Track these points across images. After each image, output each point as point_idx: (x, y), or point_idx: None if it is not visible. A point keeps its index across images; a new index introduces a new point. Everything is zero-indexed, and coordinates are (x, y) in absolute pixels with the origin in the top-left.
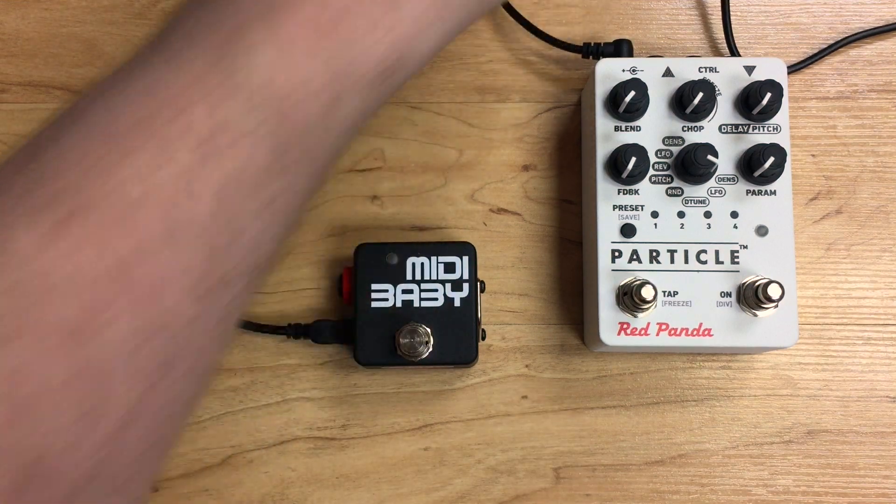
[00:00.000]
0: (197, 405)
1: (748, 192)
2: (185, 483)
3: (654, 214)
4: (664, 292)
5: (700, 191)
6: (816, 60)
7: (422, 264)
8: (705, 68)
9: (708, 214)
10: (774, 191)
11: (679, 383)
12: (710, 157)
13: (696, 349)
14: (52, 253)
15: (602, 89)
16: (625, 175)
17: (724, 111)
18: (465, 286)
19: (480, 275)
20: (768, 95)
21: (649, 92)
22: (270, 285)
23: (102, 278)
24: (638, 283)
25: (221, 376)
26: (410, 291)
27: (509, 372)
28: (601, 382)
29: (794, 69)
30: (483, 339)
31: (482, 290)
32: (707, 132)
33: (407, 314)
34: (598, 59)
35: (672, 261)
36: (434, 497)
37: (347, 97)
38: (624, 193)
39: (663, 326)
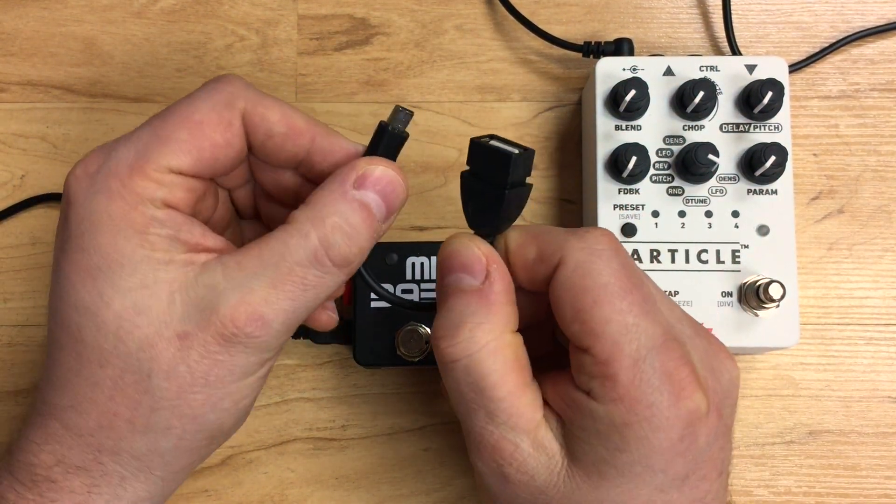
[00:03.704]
0: None
1: (749, 191)
2: (185, 483)
3: (655, 214)
4: (665, 292)
5: (701, 190)
6: (818, 59)
7: (422, 264)
8: (706, 67)
9: (709, 214)
10: (776, 190)
11: None
12: (710, 157)
13: None
14: None
15: (602, 88)
16: (625, 174)
17: (725, 110)
18: None
19: None
20: (769, 94)
21: (650, 91)
22: None
23: None
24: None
25: None
26: (410, 291)
27: None
28: None
29: (795, 68)
30: None
31: None
32: (708, 131)
33: (407, 314)
34: (599, 57)
35: (673, 260)
36: (434, 497)
37: None
38: (624, 193)
39: None
